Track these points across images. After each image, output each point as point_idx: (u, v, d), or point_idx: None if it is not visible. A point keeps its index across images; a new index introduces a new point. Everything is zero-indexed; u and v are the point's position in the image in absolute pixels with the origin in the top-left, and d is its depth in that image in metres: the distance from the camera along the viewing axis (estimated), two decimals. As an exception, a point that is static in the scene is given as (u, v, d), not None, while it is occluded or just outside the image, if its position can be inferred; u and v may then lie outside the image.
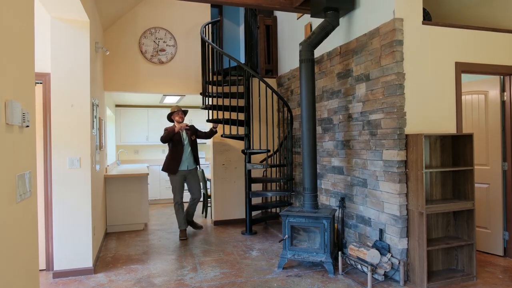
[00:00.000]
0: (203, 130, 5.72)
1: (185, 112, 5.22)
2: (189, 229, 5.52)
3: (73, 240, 3.61)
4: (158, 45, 5.84)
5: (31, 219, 1.69)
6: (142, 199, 5.52)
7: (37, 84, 3.68)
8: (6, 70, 1.38)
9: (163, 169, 5.15)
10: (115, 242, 4.82)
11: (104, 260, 4.09)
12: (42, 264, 3.73)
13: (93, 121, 4.01)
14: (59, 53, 3.58)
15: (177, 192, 5.11)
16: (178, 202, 5.11)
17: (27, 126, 1.60)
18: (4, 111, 1.36)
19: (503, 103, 3.99)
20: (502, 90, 3.99)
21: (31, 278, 1.67)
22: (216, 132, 5.40)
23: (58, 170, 3.56)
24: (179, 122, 5.11)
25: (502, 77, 3.97)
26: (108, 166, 6.00)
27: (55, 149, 3.56)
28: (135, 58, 5.74)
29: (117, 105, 8.04)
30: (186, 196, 8.07)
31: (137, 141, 8.10)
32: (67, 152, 3.59)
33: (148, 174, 5.50)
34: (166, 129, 5.11)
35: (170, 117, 5.24)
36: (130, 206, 5.45)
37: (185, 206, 5.61)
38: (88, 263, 3.66)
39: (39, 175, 3.66)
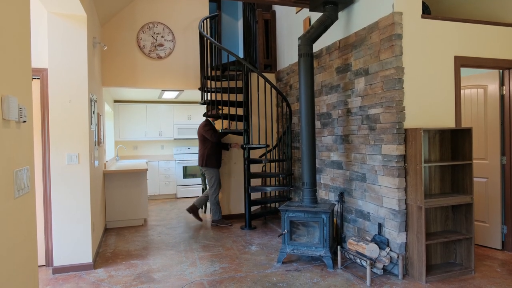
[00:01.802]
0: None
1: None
2: (190, 224, 5.53)
3: (72, 236, 3.61)
4: (156, 40, 5.81)
5: (30, 214, 1.68)
6: (141, 195, 5.52)
7: (34, 79, 3.66)
8: (2, 65, 1.37)
9: (211, 165, 5.39)
10: (115, 238, 4.83)
11: (103, 256, 4.10)
12: (41, 260, 3.74)
13: (91, 117, 4.00)
14: (56, 48, 3.56)
15: (220, 184, 5.48)
16: (218, 194, 5.46)
17: (24, 122, 1.59)
18: (1, 106, 1.36)
19: (502, 97, 3.98)
20: (501, 84, 3.98)
21: (31, 274, 1.67)
22: (228, 149, 5.70)
23: (56, 166, 3.56)
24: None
25: (501, 71, 3.96)
26: (107, 161, 6.00)
27: (53, 145, 3.55)
28: (133, 53, 5.71)
29: (115, 101, 8.01)
30: (184, 192, 8.07)
31: (136, 136, 8.09)
32: (66, 148, 3.58)
33: (147, 169, 5.50)
34: (210, 128, 5.36)
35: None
36: (129, 201, 5.45)
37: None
38: (88, 258, 3.66)
39: (37, 171, 3.66)
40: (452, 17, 3.61)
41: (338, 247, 3.68)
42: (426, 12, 4.09)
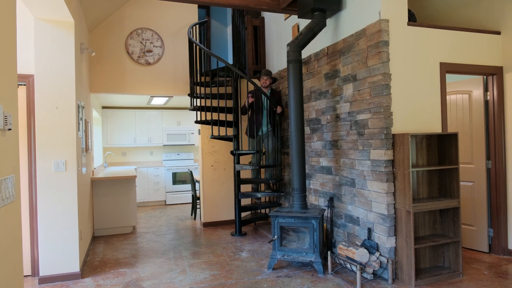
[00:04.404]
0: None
1: (274, 80, 5.20)
2: (180, 231, 5.49)
3: (59, 244, 3.54)
4: (145, 46, 5.79)
5: (15, 223, 1.65)
6: (130, 202, 5.46)
7: (20, 86, 3.60)
8: (-13, 72, 1.35)
9: (246, 132, 5.39)
10: (103, 246, 4.76)
11: (91, 265, 4.03)
12: (27, 270, 3.65)
13: (79, 124, 3.95)
14: (43, 54, 3.52)
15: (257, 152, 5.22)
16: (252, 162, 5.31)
17: (9, 129, 1.56)
18: (-15, 113, 1.33)
19: (486, 102, 4.07)
20: (485, 90, 4.07)
21: (16, 284, 1.63)
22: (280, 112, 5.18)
23: (43, 173, 3.50)
24: (262, 87, 5.17)
25: (485, 77, 4.05)
26: (95, 168, 5.92)
27: (40, 152, 3.50)
28: (122, 59, 5.68)
29: (103, 107, 7.94)
30: (179, 198, 8.00)
31: (125, 143, 8.01)
32: (52, 155, 3.53)
33: (136, 176, 5.44)
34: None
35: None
36: (118, 209, 5.38)
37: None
38: (75, 267, 3.60)
39: (23, 179, 3.59)
40: (437, 25, 3.68)
41: (329, 252, 3.68)
42: (412, 19, 4.17)
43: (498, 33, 3.94)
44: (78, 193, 3.66)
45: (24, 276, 3.65)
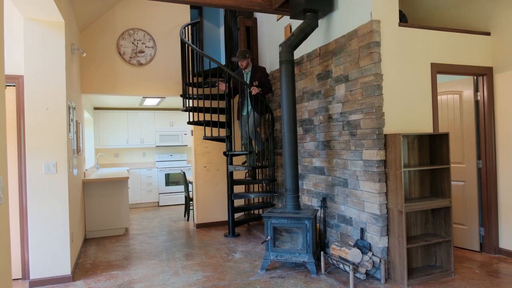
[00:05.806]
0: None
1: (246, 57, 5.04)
2: (173, 233, 5.46)
3: (50, 247, 3.50)
4: (137, 46, 5.75)
5: (3, 227, 1.62)
6: (122, 204, 5.42)
7: (9, 87, 3.56)
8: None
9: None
10: (95, 248, 4.71)
11: (83, 267, 3.99)
12: (17, 273, 3.60)
13: (70, 125, 3.91)
14: (32, 54, 3.48)
15: (244, 133, 5.15)
16: (244, 143, 5.19)
17: (-3, 131, 1.54)
18: (-29, 115, 1.31)
19: (476, 102, 4.11)
20: (476, 90, 4.11)
21: (3, 289, 1.61)
22: (259, 91, 4.96)
23: (33, 175, 3.46)
24: (242, 67, 5.10)
25: (475, 77, 4.09)
26: (86, 170, 5.87)
27: (30, 154, 3.45)
28: (113, 59, 5.63)
29: (95, 108, 7.88)
30: (171, 200, 7.96)
31: (117, 144, 7.96)
32: (43, 157, 3.49)
33: (128, 177, 5.40)
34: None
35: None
36: (110, 210, 5.34)
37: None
38: (66, 270, 3.56)
39: (13, 181, 3.54)
40: (428, 26, 3.71)
41: (322, 252, 3.69)
42: (403, 20, 4.20)
43: (488, 34, 3.99)
44: (69, 195, 3.62)
45: (14, 279, 3.60)
